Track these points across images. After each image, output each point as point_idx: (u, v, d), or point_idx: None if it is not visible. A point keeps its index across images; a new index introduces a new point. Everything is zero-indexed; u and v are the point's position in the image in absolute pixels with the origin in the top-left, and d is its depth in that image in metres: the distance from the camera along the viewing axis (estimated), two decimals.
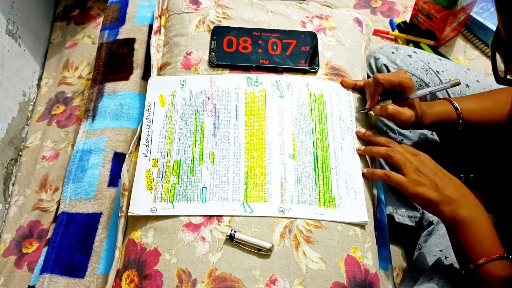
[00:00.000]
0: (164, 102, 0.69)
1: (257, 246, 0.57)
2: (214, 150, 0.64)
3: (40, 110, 0.94)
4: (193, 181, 0.62)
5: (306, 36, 0.76)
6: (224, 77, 0.71)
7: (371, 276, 0.59)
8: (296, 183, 0.62)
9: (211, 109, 0.67)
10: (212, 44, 0.73)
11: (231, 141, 0.65)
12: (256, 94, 0.69)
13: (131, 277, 0.57)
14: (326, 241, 0.59)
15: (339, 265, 0.58)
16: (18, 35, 0.91)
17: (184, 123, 0.66)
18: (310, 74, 0.73)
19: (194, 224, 0.59)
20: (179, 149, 0.64)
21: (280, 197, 0.61)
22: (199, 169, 0.63)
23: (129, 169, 0.66)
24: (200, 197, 0.61)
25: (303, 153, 0.64)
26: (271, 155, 0.64)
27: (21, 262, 0.75)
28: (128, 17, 0.88)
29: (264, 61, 0.72)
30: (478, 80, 0.75)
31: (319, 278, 0.56)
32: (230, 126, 0.66)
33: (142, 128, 0.67)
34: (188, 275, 0.56)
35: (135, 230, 0.61)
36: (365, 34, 0.82)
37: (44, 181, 0.84)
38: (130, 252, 0.59)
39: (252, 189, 0.61)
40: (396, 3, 1.11)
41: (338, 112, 0.69)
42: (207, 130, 0.66)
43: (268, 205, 0.60)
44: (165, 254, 0.58)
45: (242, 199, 0.60)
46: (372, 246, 0.62)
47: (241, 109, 0.67)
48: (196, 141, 0.65)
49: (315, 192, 0.62)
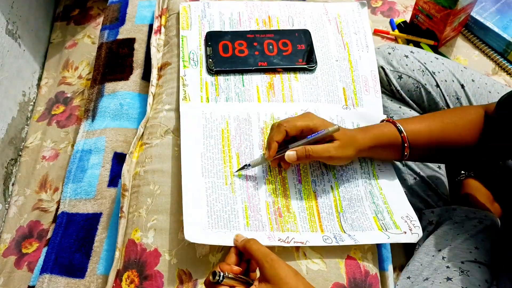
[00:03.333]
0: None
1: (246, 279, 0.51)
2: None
3: (40, 110, 0.94)
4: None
5: (300, 34, 0.76)
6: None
7: (371, 277, 0.59)
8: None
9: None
10: (207, 50, 0.72)
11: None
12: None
13: (131, 278, 0.57)
14: None
15: (339, 266, 0.58)
16: (18, 35, 0.91)
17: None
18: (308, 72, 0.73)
19: None
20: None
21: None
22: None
23: (129, 169, 0.66)
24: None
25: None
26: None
27: (21, 262, 0.75)
28: (128, 17, 0.87)
29: (262, 63, 0.72)
30: (473, 79, 0.74)
31: (319, 279, 0.56)
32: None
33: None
34: (188, 276, 0.56)
35: (135, 230, 0.61)
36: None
37: (44, 181, 0.84)
38: (131, 252, 0.59)
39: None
40: (396, 3, 1.10)
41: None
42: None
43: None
44: (165, 255, 0.58)
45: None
46: (372, 247, 0.62)
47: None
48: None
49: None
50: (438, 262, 0.62)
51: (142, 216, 0.61)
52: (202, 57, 0.72)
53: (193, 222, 0.56)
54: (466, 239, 0.63)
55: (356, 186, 0.64)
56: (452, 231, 0.66)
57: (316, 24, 0.78)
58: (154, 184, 0.63)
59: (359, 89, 0.72)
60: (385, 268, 0.63)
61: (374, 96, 0.72)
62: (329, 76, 0.73)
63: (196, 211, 0.57)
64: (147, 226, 0.60)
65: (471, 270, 0.59)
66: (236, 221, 0.58)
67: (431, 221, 0.71)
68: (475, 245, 0.63)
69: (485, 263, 0.61)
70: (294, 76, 0.72)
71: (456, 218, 0.68)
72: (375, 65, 0.75)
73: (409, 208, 0.63)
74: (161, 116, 0.69)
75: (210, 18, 0.77)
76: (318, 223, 0.60)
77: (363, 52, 0.76)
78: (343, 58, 0.75)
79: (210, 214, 0.58)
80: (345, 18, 0.79)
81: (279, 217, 0.59)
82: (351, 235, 0.58)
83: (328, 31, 0.77)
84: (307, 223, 0.59)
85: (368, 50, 0.76)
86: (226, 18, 0.77)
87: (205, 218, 0.57)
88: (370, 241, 0.59)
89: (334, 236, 0.58)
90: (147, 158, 0.66)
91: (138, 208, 0.62)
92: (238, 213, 0.58)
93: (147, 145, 0.68)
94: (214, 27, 0.76)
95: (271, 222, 0.59)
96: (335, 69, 0.74)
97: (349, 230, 0.59)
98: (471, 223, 0.66)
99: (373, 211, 0.62)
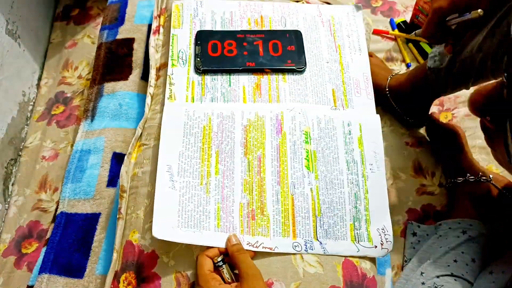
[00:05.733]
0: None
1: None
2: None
3: (39, 110, 0.94)
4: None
5: (291, 35, 0.75)
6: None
7: (368, 280, 0.59)
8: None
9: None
10: (196, 49, 0.72)
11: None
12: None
13: (129, 280, 0.57)
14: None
15: (336, 269, 0.58)
16: (18, 35, 0.91)
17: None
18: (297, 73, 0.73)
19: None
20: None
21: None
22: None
23: (127, 170, 0.66)
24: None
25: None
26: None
27: (21, 263, 0.75)
28: (128, 17, 0.87)
29: (250, 64, 0.72)
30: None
31: (316, 282, 0.56)
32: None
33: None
34: (186, 278, 0.56)
35: (133, 232, 0.61)
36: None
37: (43, 181, 0.84)
38: (128, 254, 0.59)
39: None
40: (397, 3, 1.10)
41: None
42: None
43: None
44: (162, 257, 0.58)
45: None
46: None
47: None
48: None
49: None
50: (416, 278, 0.62)
51: (140, 217, 0.61)
52: (191, 56, 0.72)
53: (162, 219, 0.57)
54: (446, 252, 0.64)
55: (340, 188, 0.63)
56: (435, 244, 0.66)
57: (309, 25, 0.78)
58: (152, 186, 0.63)
59: (350, 91, 0.72)
60: (383, 273, 0.63)
61: (366, 98, 0.72)
62: (318, 77, 0.73)
63: (167, 210, 0.59)
64: (144, 228, 0.60)
65: (446, 284, 0.59)
66: (207, 221, 0.59)
67: (415, 232, 0.71)
68: (454, 258, 0.63)
69: (462, 277, 0.61)
70: (282, 77, 0.72)
71: (440, 232, 0.68)
72: (367, 68, 0.75)
73: (387, 220, 0.62)
74: (159, 117, 0.69)
75: (202, 17, 0.77)
76: (291, 228, 0.60)
77: (356, 55, 0.76)
78: (334, 60, 0.75)
79: (181, 213, 0.59)
80: (338, 21, 0.79)
81: (252, 220, 0.60)
82: (323, 243, 0.59)
83: (320, 33, 0.77)
84: (280, 227, 0.60)
85: (361, 53, 0.76)
86: (218, 17, 0.77)
87: (175, 217, 0.58)
88: (340, 253, 0.59)
89: (304, 243, 0.58)
90: (145, 159, 0.66)
91: (136, 209, 0.62)
92: (210, 213, 0.59)
93: (145, 146, 0.68)
94: (206, 26, 0.76)
95: (242, 224, 0.59)
96: (325, 70, 0.73)
97: (322, 237, 0.59)
98: (454, 233, 0.66)
99: (352, 217, 0.61)
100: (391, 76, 0.85)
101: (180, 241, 0.57)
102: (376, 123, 0.69)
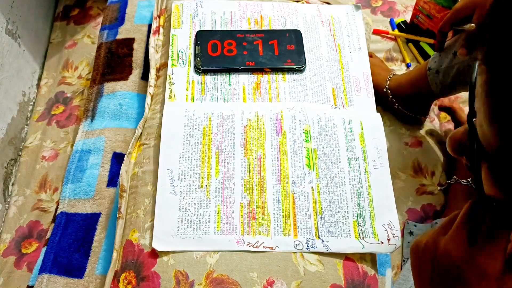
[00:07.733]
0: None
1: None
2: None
3: (39, 110, 0.94)
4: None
5: (291, 34, 0.75)
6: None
7: (369, 278, 0.59)
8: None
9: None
10: (196, 49, 0.73)
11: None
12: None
13: (128, 279, 0.57)
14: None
15: (337, 267, 0.58)
16: (18, 35, 0.91)
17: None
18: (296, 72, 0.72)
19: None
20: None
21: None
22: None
23: (127, 170, 0.66)
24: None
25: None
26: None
27: (21, 263, 0.75)
28: (128, 17, 0.87)
29: (250, 63, 0.72)
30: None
31: (316, 280, 0.56)
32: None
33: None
34: (185, 277, 0.56)
35: (133, 231, 0.61)
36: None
37: (43, 181, 0.84)
38: (128, 253, 0.59)
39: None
40: (397, 3, 1.10)
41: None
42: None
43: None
44: (162, 256, 0.58)
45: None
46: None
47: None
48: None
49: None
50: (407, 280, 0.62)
51: (140, 217, 0.61)
52: (191, 56, 0.73)
53: (163, 229, 0.58)
54: None
55: (342, 185, 0.63)
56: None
57: (308, 25, 0.78)
58: (152, 185, 0.63)
59: (350, 89, 0.72)
60: (383, 273, 0.63)
61: (366, 96, 0.72)
62: (318, 76, 0.73)
63: (168, 218, 0.59)
64: (144, 227, 0.60)
65: None
66: (206, 225, 0.59)
67: (412, 231, 0.71)
68: None
69: None
70: (282, 76, 0.72)
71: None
72: (367, 67, 0.75)
73: (394, 215, 0.62)
74: (159, 117, 0.69)
75: (201, 17, 0.77)
76: (292, 226, 0.59)
77: (355, 54, 0.76)
78: (333, 59, 0.75)
79: (180, 219, 0.59)
80: (338, 20, 0.79)
81: (252, 219, 0.59)
82: (325, 241, 0.59)
83: (320, 33, 0.77)
84: (281, 225, 0.59)
85: (360, 52, 0.76)
86: (218, 17, 0.77)
87: (175, 224, 0.59)
88: (343, 250, 0.59)
89: (306, 242, 0.58)
90: (145, 158, 0.66)
91: (136, 209, 0.62)
92: (210, 216, 0.59)
93: (145, 146, 0.68)
94: (205, 26, 0.76)
95: (243, 225, 0.59)
96: (324, 69, 0.73)
97: (324, 235, 0.59)
98: None
99: (355, 214, 0.61)
100: (391, 76, 0.85)
101: (180, 249, 0.57)
102: (378, 120, 0.69)
